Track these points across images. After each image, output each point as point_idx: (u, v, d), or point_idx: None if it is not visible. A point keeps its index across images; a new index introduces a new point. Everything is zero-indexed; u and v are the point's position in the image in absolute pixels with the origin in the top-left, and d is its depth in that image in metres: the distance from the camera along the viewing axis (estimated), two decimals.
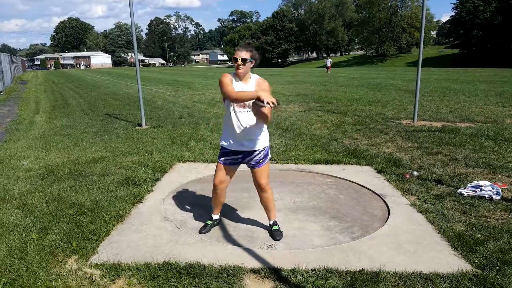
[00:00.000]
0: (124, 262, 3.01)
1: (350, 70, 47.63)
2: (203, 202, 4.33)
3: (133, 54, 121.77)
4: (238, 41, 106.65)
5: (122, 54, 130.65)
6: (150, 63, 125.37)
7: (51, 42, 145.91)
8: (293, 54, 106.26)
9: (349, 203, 4.31)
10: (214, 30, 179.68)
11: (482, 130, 7.78)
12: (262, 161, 3.34)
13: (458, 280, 2.73)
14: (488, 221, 3.70)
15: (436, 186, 4.72)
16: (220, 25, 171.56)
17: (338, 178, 5.17)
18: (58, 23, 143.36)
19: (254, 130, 3.23)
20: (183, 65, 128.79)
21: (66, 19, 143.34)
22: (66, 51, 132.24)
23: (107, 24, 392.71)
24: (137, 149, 6.87)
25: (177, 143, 7.23)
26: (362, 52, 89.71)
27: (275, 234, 3.48)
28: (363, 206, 4.23)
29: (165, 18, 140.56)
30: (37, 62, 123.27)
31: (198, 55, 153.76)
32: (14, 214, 4.01)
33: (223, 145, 3.36)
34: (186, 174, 5.40)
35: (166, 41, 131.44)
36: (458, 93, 15.57)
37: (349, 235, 3.51)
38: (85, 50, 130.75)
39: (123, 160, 6.14)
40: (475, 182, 4.58)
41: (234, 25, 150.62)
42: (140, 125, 9.26)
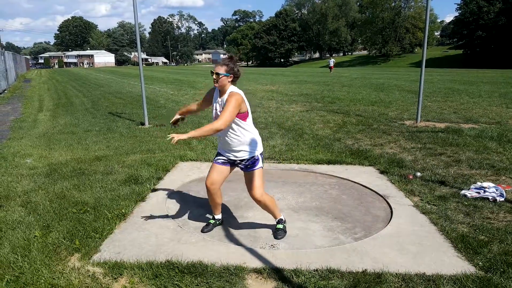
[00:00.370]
0: (126, 261, 3.02)
1: (353, 70, 47.54)
2: (205, 202, 4.31)
3: (136, 53, 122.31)
4: (241, 40, 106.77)
5: (125, 53, 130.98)
6: (153, 62, 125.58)
7: (55, 41, 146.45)
8: (296, 54, 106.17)
9: (351, 204, 4.30)
10: (217, 29, 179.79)
11: (486, 131, 7.75)
12: (250, 166, 3.31)
13: (461, 282, 2.72)
14: (491, 222, 3.68)
15: (439, 187, 4.70)
16: (223, 24, 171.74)
17: (341, 178, 5.16)
18: (62, 22, 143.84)
19: (233, 143, 3.27)
20: (186, 64, 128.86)
21: (70, 18, 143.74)
22: (70, 50, 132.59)
23: (111, 23, 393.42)
24: (140, 147, 6.88)
25: (179, 142, 7.22)
26: (365, 52, 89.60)
27: (277, 233, 3.47)
28: (366, 206, 4.22)
29: (168, 18, 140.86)
30: (41, 61, 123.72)
31: (201, 55, 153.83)
32: (18, 211, 4.02)
33: (218, 148, 3.51)
34: (188, 173, 5.40)
35: (169, 40, 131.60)
36: (462, 94, 15.51)
37: (351, 236, 3.50)
38: (88, 48, 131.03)
39: (126, 158, 6.15)
40: (479, 183, 4.57)
41: (237, 24, 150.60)
42: (143, 124, 9.27)
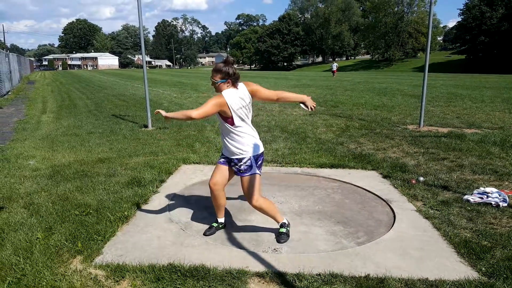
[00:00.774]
0: (128, 263, 3.01)
1: (355, 74, 47.56)
2: (208, 204, 4.32)
3: (139, 56, 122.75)
4: (244, 44, 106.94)
5: (129, 56, 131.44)
6: (157, 65, 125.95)
7: (59, 43, 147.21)
8: (299, 57, 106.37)
9: (354, 208, 4.29)
10: (220, 33, 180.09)
11: (489, 137, 7.73)
12: (242, 171, 3.32)
13: (464, 287, 2.71)
14: (494, 228, 3.67)
15: (442, 192, 4.69)
16: (226, 28, 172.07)
17: (344, 182, 5.15)
18: (67, 24, 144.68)
19: (226, 144, 3.33)
20: (189, 67, 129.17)
21: (75, 21, 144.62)
22: (74, 52, 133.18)
23: (115, 25, 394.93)
24: (143, 150, 6.89)
25: (182, 145, 7.25)
26: (368, 56, 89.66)
27: (280, 237, 3.46)
28: (369, 211, 4.21)
29: (172, 21, 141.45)
30: (44, 63, 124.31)
31: (204, 58, 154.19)
32: (20, 213, 4.03)
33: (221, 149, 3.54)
34: (191, 176, 5.40)
35: (173, 43, 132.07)
36: (465, 98, 15.49)
37: (354, 240, 3.49)
38: (92, 51, 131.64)
39: (129, 161, 6.16)
40: (482, 188, 4.55)
41: (240, 28, 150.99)
42: (146, 126, 9.29)
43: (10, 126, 9.90)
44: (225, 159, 3.45)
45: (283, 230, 3.51)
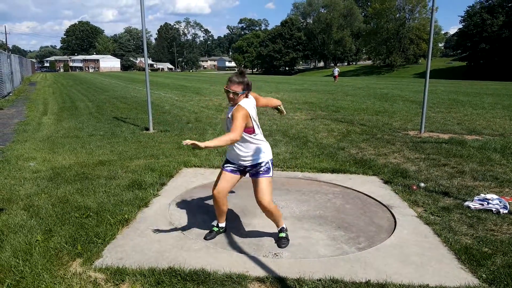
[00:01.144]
0: (128, 267, 3.01)
1: (357, 80, 47.62)
2: (209, 208, 4.32)
3: (141, 59, 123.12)
4: (246, 48, 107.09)
5: (131, 58, 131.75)
6: (159, 68, 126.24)
7: (61, 45, 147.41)
8: (300, 62, 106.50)
9: (355, 213, 4.28)
10: (223, 36, 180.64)
11: (489, 143, 7.73)
12: (261, 173, 3.30)
13: None
14: (495, 235, 3.66)
15: (443, 198, 4.68)
16: (229, 32, 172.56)
17: (345, 187, 5.15)
18: (69, 26, 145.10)
19: (241, 153, 3.29)
20: (191, 70, 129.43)
21: (77, 23, 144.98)
22: (76, 54, 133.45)
23: (117, 28, 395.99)
24: (144, 153, 6.89)
25: (183, 148, 7.24)
26: (369, 62, 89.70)
27: (280, 242, 3.46)
28: (370, 216, 4.20)
29: (175, 24, 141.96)
30: (46, 64, 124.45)
31: (207, 61, 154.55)
32: (20, 215, 4.02)
33: (227, 156, 3.48)
34: (192, 179, 5.40)
35: (175, 46, 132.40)
36: (465, 105, 15.50)
37: (355, 246, 3.48)
38: (94, 53, 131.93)
39: (130, 163, 6.15)
40: (482, 195, 4.55)
41: (243, 32, 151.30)
42: (147, 129, 9.30)
43: (10, 127, 9.91)
44: (234, 167, 3.39)
45: (283, 234, 3.51)
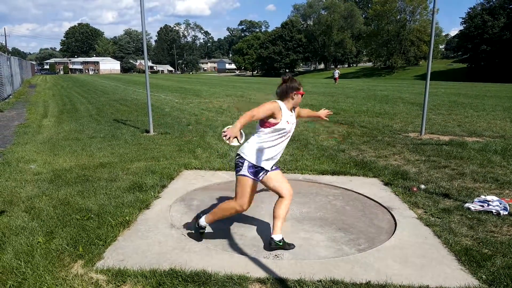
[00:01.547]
0: (130, 268, 3.02)
1: (357, 82, 47.65)
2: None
3: (141, 61, 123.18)
4: (246, 50, 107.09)
5: (131, 61, 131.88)
6: (159, 70, 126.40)
7: (61, 47, 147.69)
8: (301, 64, 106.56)
9: (355, 215, 4.29)
10: (223, 38, 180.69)
11: (490, 145, 7.74)
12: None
13: None
14: (495, 236, 3.67)
15: (443, 200, 4.69)
16: (229, 34, 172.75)
17: (345, 189, 5.16)
18: (69, 28, 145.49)
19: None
20: (191, 72, 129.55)
21: (77, 25, 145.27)
22: (76, 56, 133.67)
23: (117, 30, 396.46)
24: (144, 155, 6.90)
25: (184, 150, 7.26)
26: (370, 64, 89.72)
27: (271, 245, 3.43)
28: (370, 218, 4.21)
29: (174, 26, 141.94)
30: (46, 67, 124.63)
31: (207, 63, 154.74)
32: (21, 217, 4.03)
33: (259, 165, 3.32)
34: (192, 182, 5.41)
35: (175, 48, 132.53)
36: (466, 107, 15.51)
37: (355, 247, 3.50)
38: (94, 55, 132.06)
39: (131, 166, 6.17)
40: (483, 196, 4.56)
41: (243, 34, 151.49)
42: (147, 131, 9.31)
43: (11, 129, 9.93)
44: (264, 173, 3.38)
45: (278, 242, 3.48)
